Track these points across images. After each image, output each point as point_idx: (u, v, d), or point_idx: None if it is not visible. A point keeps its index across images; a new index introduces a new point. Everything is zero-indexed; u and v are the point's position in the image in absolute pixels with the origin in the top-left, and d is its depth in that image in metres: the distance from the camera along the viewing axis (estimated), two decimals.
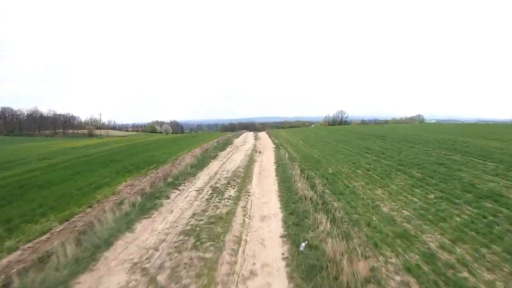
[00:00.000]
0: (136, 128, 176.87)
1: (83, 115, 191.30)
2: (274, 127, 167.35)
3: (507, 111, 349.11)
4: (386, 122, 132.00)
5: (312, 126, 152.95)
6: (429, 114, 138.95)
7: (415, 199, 8.90)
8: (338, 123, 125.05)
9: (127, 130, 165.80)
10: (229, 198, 10.15)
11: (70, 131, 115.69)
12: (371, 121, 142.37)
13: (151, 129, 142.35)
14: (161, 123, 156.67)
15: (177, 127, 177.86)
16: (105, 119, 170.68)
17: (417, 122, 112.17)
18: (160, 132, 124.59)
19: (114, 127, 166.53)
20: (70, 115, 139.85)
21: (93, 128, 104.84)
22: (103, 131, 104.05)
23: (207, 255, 5.87)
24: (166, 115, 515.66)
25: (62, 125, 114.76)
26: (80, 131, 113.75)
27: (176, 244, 6.41)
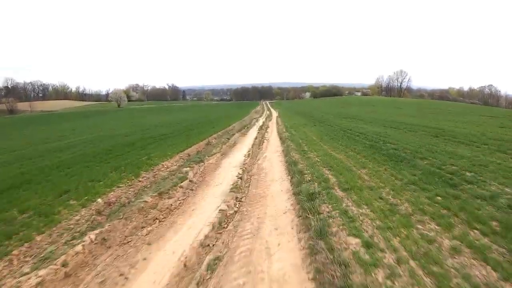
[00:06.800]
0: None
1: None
2: (298, 92, 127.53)
3: None
4: (447, 92, 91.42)
5: (359, 93, 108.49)
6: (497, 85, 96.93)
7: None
8: (397, 91, 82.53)
9: (99, 100, 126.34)
10: None
11: None
12: (430, 92, 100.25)
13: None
14: (141, 89, 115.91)
15: (175, 93, 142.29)
16: (73, 86, 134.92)
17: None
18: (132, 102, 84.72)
19: (83, 96, 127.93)
20: (39, 83, 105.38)
21: (15, 102, 65.90)
22: (27, 105, 65.90)
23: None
24: (164, 79, 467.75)
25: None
26: None
27: None
